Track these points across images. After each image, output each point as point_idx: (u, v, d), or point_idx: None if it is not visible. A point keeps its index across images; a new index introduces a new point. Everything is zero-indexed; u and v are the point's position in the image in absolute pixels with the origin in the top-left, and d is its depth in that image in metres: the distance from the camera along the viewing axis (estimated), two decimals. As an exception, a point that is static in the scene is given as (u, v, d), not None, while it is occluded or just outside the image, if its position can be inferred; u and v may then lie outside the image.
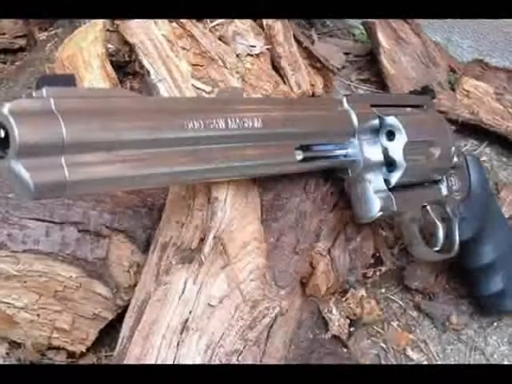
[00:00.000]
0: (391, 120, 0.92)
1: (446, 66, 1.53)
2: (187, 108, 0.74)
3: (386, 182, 0.92)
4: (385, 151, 0.92)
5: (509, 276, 1.13)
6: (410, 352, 1.13)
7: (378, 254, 1.09)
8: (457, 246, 1.06)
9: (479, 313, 1.19)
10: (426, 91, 1.08)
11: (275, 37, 1.25)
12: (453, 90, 1.47)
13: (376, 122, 0.92)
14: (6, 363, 1.02)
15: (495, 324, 1.19)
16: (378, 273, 1.08)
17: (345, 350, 0.94)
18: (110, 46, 1.23)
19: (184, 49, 1.15)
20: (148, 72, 1.16)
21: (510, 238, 1.17)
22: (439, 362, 1.12)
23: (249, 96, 1.11)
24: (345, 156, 0.89)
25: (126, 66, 1.28)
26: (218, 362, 0.77)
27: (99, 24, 1.18)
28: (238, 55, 1.20)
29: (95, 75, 1.14)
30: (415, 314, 1.19)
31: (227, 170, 0.77)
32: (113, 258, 0.97)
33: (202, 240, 0.82)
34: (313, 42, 1.66)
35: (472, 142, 1.51)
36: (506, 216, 1.28)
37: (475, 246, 1.11)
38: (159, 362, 0.77)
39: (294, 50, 1.28)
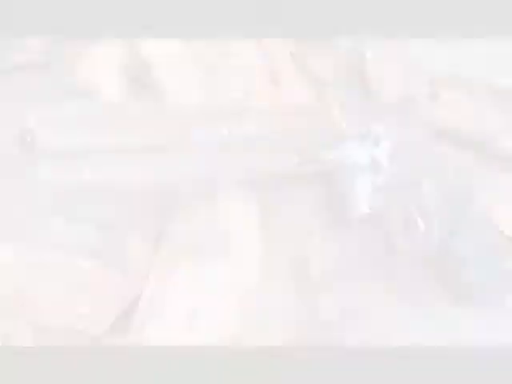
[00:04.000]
0: (378, 128, 0.92)
1: (428, 80, 1.53)
2: (195, 117, 0.74)
3: (374, 183, 0.92)
4: (372, 155, 0.92)
5: (482, 269, 1.13)
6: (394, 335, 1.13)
7: (366, 248, 1.09)
8: (437, 241, 1.06)
9: (456, 302, 1.19)
10: (410, 102, 1.08)
11: (273, 53, 1.25)
12: (433, 101, 1.47)
13: (364, 129, 0.92)
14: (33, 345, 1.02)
15: (470, 312, 1.19)
16: (366, 265, 1.08)
17: (337, 333, 0.94)
18: (126, 61, 1.23)
19: (193, 64, 1.16)
20: (161, 85, 1.16)
21: (484, 234, 1.17)
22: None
23: (250, 106, 1.11)
24: (336, 160, 0.89)
25: (140, 79, 1.28)
26: (224, 344, 0.78)
27: (117, 41, 1.19)
28: (240, 70, 1.20)
29: (113, 88, 1.14)
30: (399, 301, 1.19)
31: (230, 172, 0.77)
32: (128, 250, 0.98)
33: (208, 236, 0.83)
34: (307, 58, 1.66)
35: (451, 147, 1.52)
36: (482, 215, 1.29)
37: (453, 242, 1.11)
38: (171, 344, 0.78)
39: (290, 65, 1.29)
